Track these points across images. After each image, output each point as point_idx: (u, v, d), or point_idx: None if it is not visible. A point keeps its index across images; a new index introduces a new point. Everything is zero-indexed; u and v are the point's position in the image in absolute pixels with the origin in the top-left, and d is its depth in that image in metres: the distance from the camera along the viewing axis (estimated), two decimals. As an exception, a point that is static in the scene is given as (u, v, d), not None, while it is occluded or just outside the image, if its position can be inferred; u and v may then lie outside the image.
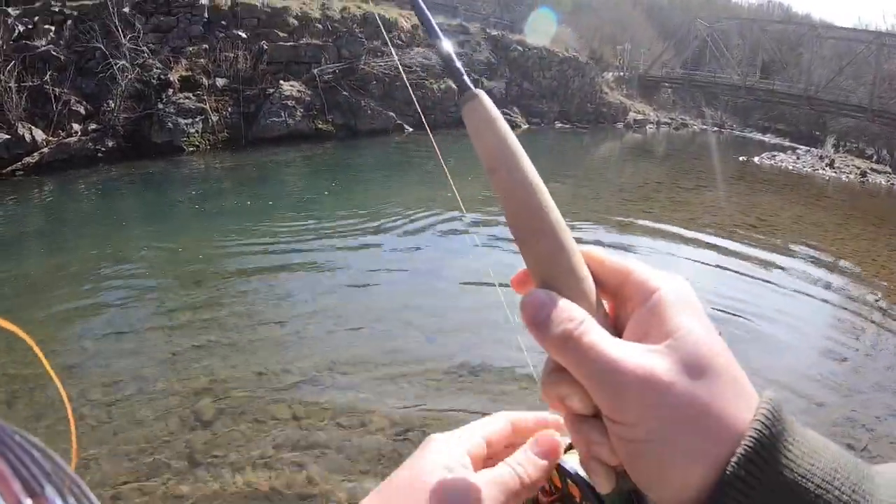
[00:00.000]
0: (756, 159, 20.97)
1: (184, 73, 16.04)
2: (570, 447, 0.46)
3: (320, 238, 8.92)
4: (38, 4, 16.20)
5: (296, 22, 18.27)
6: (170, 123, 15.12)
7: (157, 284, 7.58)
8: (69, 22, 16.00)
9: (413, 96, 16.56)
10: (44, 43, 15.54)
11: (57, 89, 14.79)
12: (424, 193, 11.88)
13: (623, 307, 0.39)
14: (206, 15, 16.99)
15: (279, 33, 17.73)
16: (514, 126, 16.92)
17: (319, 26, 18.68)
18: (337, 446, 3.85)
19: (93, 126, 14.69)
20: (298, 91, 17.04)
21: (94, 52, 15.56)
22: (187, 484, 3.52)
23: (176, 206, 12.22)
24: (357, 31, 19.05)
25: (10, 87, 14.38)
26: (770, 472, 0.32)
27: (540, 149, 19.72)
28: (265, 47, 17.25)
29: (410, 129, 19.33)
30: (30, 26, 15.58)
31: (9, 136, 13.85)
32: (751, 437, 0.32)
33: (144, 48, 15.86)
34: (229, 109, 16.06)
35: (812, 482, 0.31)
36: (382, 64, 18.90)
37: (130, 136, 14.87)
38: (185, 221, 10.95)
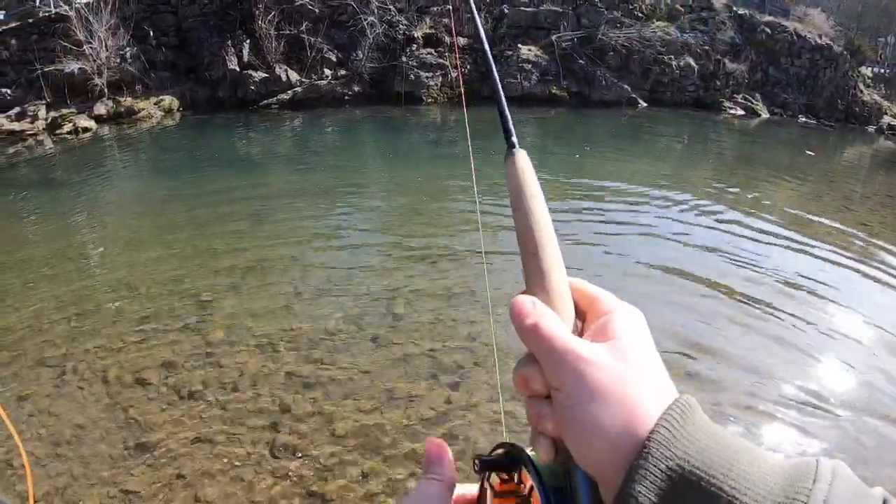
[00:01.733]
0: None
1: (427, 31, 16.27)
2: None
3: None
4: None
5: (536, -12, 17.95)
6: (412, 75, 15.41)
7: (383, 211, 8.23)
8: (325, -22, 16.80)
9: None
10: (301, -3, 16.43)
11: (311, 38, 15.62)
12: (650, 170, 11.58)
13: (588, 324, 0.49)
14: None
15: (520, -1, 17.49)
16: (753, 114, 15.42)
17: (560, -7, 18.23)
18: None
19: (342, 72, 15.38)
20: (536, 55, 16.70)
21: (346, 8, 16.22)
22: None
23: (411, 148, 12.53)
24: (597, 0, 18.36)
25: (270, 33, 15.41)
26: (679, 443, 0.39)
27: (777, 142, 17.70)
28: (506, 11, 17.10)
29: (644, 104, 18.25)
30: (289, -19, 16.52)
31: (267, 75, 14.92)
32: (668, 415, 0.40)
33: (391, 6, 16.30)
34: (468, 67, 16.03)
35: (707, 454, 0.39)
36: (621, 35, 18.04)
37: (375, 84, 15.49)
38: (417, 162, 11.22)
